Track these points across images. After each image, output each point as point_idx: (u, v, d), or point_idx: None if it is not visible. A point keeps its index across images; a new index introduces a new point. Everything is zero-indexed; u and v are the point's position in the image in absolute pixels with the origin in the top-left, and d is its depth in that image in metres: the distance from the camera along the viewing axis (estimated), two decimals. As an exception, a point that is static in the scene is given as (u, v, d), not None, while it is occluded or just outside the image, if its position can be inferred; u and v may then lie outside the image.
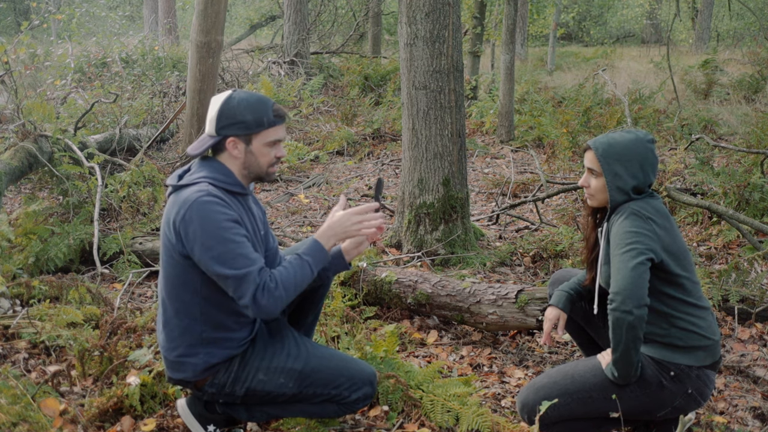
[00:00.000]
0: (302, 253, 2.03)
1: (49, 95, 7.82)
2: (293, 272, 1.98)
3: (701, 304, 2.07)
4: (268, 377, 2.08)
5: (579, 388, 2.07)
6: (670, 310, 2.04)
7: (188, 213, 1.92)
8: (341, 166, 6.92)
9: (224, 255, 1.90)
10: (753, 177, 4.42)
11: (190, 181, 2.02)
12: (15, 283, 3.24)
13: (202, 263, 1.93)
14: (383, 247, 4.20)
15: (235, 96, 2.03)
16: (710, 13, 17.87)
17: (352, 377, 2.11)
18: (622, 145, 2.10)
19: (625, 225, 2.02)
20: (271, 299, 1.92)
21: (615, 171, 2.09)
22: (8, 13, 23.77)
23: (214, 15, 5.79)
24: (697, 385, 2.04)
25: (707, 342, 2.04)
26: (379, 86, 10.30)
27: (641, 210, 2.04)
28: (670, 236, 2.04)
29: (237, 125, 2.02)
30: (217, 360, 2.06)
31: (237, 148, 2.05)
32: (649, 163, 2.10)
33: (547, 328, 2.35)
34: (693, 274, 2.09)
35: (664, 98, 8.86)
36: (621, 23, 26.07)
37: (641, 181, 2.09)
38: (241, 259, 1.91)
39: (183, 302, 2.02)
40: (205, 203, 1.92)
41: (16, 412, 2.09)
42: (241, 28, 19.86)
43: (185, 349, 2.04)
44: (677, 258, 2.04)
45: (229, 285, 1.92)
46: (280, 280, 1.95)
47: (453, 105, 3.96)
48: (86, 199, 4.36)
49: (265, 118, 2.03)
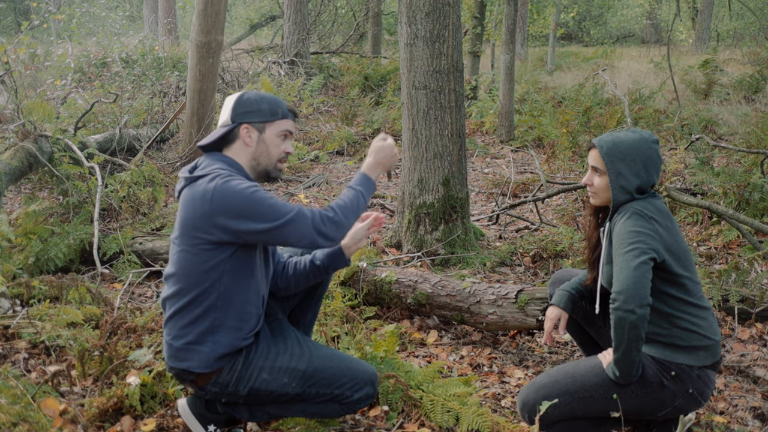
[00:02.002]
0: (353, 185, 2.12)
1: (49, 95, 7.82)
2: (349, 201, 2.07)
3: (702, 304, 2.07)
4: (271, 377, 2.08)
5: (580, 388, 2.07)
6: (671, 310, 2.04)
7: (216, 198, 1.95)
8: (341, 166, 6.92)
9: (265, 212, 1.95)
10: (753, 177, 4.42)
11: (203, 172, 2.04)
12: (15, 283, 3.24)
13: (248, 234, 1.97)
14: (383, 247, 4.20)
15: (250, 92, 2.16)
16: (710, 13, 17.87)
17: (354, 377, 2.12)
18: (627, 144, 2.10)
19: (627, 224, 2.02)
20: (333, 226, 2.00)
21: (619, 170, 2.09)
22: (8, 13, 23.77)
23: (214, 15, 5.79)
24: (698, 385, 2.04)
25: (708, 342, 2.04)
26: (379, 86, 10.30)
27: (644, 210, 2.04)
28: (672, 236, 2.04)
29: (253, 113, 2.11)
30: (224, 350, 2.06)
31: (250, 136, 2.11)
32: (652, 163, 2.10)
33: (548, 328, 2.35)
34: (694, 275, 2.09)
35: (664, 98, 8.86)
36: (621, 23, 26.08)
37: (644, 181, 2.09)
38: (282, 207, 1.97)
39: (204, 290, 2.03)
40: (225, 183, 1.97)
41: (16, 412, 2.09)
42: (241, 28, 19.86)
43: (194, 336, 2.05)
44: (679, 258, 2.04)
45: (285, 234, 1.96)
46: (338, 208, 2.03)
47: (453, 105, 3.96)
48: (86, 199, 4.36)
49: (279, 109, 2.14)
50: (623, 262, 1.96)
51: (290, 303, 2.40)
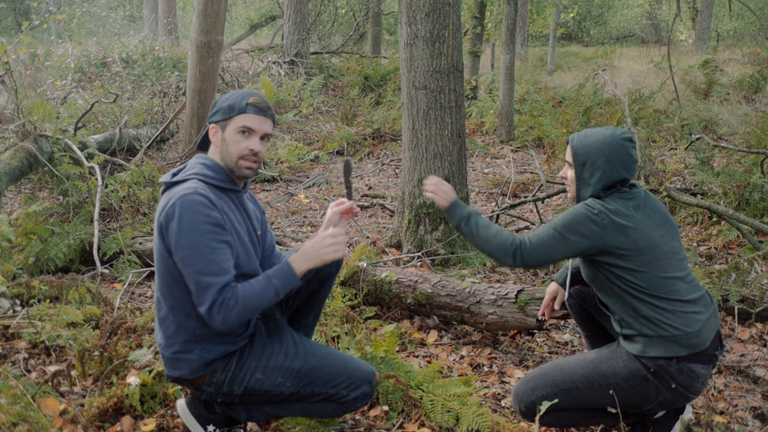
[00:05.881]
0: (272, 275, 1.98)
1: (49, 95, 7.82)
2: (257, 293, 1.94)
3: (670, 296, 2.07)
4: (265, 376, 2.07)
5: (566, 380, 2.13)
6: (634, 301, 2.08)
7: (172, 209, 1.92)
8: (341, 166, 6.92)
9: (194, 258, 1.89)
10: (753, 177, 4.42)
11: (181, 177, 2.03)
12: (15, 283, 3.24)
13: (176, 260, 1.93)
14: (383, 247, 4.20)
15: (230, 92, 2.12)
16: (710, 13, 17.87)
17: (351, 376, 2.11)
18: (594, 139, 2.17)
19: (572, 212, 2.12)
20: (228, 317, 1.90)
21: (583, 161, 2.16)
22: (8, 13, 23.76)
23: (214, 15, 5.79)
24: (681, 379, 2.06)
25: (676, 332, 2.04)
26: (379, 86, 10.31)
27: (592, 205, 2.10)
28: (626, 232, 2.06)
29: (217, 112, 2.08)
30: (214, 356, 2.05)
31: (216, 136, 2.09)
32: (618, 159, 2.13)
33: (545, 301, 2.53)
34: (663, 268, 2.08)
35: (664, 98, 8.85)
36: (621, 23, 26.08)
37: (606, 175, 2.12)
38: (211, 266, 1.90)
39: (176, 299, 2.01)
40: (190, 202, 1.91)
41: (16, 412, 2.09)
42: (241, 28, 19.87)
43: (181, 345, 2.04)
44: (630, 252, 2.06)
45: (192, 288, 1.93)
46: (242, 299, 1.91)
47: (453, 105, 3.96)
48: (86, 199, 4.36)
49: (237, 104, 2.05)
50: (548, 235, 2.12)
51: (291, 304, 2.40)
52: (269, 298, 1.95)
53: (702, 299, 2.13)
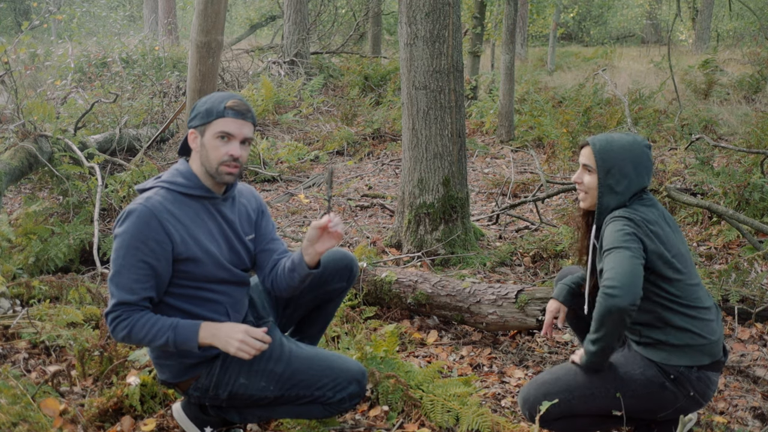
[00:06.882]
0: (177, 326, 1.92)
1: (49, 95, 7.82)
2: (151, 332, 1.91)
3: (696, 304, 2.06)
4: (249, 381, 2.05)
5: (581, 385, 2.07)
6: (662, 311, 2.04)
7: (122, 215, 1.95)
8: (341, 166, 6.92)
9: (113, 265, 1.92)
10: (753, 177, 4.42)
11: (150, 185, 2.02)
12: (15, 283, 3.24)
13: None
14: (383, 247, 4.20)
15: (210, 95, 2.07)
16: (710, 13, 17.86)
17: (336, 378, 2.05)
18: (619, 144, 2.11)
19: (616, 226, 2.02)
20: (114, 334, 1.93)
21: (608, 168, 2.10)
22: (8, 13, 23.76)
23: (214, 15, 5.79)
24: (699, 387, 2.04)
25: (703, 341, 2.03)
26: (379, 86, 10.30)
27: (629, 215, 2.04)
28: (663, 241, 2.03)
29: (196, 117, 2.02)
30: (193, 360, 2.04)
31: (195, 141, 2.04)
32: (642, 166, 2.10)
33: (547, 320, 2.38)
34: (689, 276, 2.08)
35: (664, 98, 8.85)
36: (621, 23, 26.07)
37: (632, 182, 2.09)
38: (118, 278, 1.91)
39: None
40: (135, 214, 1.92)
41: (16, 412, 2.09)
42: (241, 28, 19.87)
43: (159, 350, 2.04)
44: (669, 261, 2.03)
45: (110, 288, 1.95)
46: (134, 328, 1.90)
47: (453, 105, 3.96)
48: (86, 199, 4.36)
49: (215, 108, 1.99)
50: (616, 259, 1.94)
51: (291, 312, 2.37)
52: (159, 343, 1.92)
53: (714, 306, 2.13)
